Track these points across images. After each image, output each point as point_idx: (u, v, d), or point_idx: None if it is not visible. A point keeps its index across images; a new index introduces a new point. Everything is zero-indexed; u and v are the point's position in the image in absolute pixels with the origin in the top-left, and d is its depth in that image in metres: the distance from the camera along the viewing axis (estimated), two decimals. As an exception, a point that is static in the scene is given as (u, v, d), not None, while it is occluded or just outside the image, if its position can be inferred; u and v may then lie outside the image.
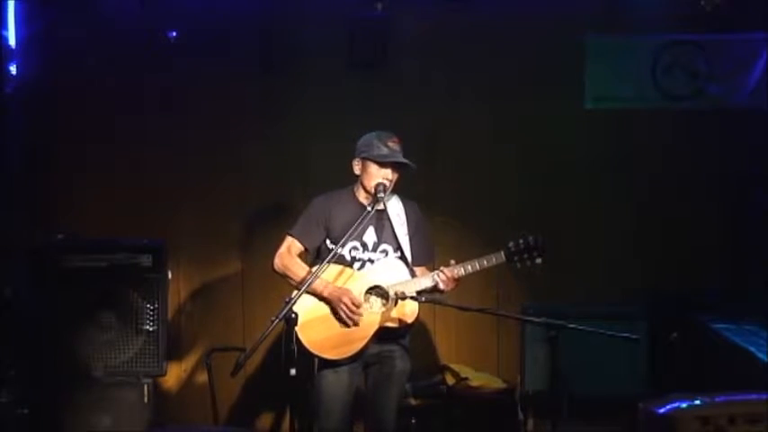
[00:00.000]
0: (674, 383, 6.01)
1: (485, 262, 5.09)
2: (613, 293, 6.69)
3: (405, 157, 5.18)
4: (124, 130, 6.90)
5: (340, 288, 5.06)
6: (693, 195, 6.98)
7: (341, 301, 5.01)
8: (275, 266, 5.19)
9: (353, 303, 5.01)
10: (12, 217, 6.54)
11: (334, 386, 5.09)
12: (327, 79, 6.92)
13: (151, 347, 5.99)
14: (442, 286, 5.08)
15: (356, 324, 5.04)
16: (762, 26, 6.75)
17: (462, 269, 5.07)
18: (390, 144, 5.15)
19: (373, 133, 5.21)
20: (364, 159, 5.18)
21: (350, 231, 4.94)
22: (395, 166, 5.15)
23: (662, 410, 4.82)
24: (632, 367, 6.30)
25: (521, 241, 5.06)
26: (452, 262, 5.08)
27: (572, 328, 4.67)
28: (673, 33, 6.92)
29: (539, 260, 5.06)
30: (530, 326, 6.26)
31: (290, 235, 5.22)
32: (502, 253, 5.07)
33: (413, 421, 6.16)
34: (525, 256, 5.05)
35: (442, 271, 5.06)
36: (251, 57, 6.84)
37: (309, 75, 6.91)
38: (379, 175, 5.13)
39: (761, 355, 5.70)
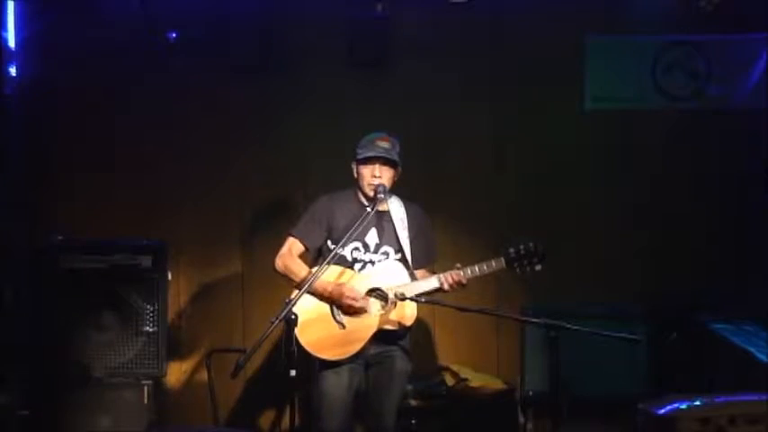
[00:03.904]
0: (674, 384, 6.01)
1: (485, 267, 5.10)
2: (613, 294, 6.67)
3: (403, 156, 5.20)
4: (124, 130, 6.90)
5: (338, 284, 5.07)
6: (693, 195, 6.97)
7: (342, 295, 5.03)
8: (276, 267, 5.21)
9: (354, 296, 5.03)
10: (12, 217, 6.54)
11: (335, 387, 5.10)
12: (327, 79, 6.92)
13: (151, 348, 5.99)
14: (446, 287, 5.08)
15: (364, 310, 5.05)
16: (761, 27, 6.75)
17: (462, 274, 5.08)
18: (378, 143, 5.19)
19: (366, 136, 5.25)
20: (356, 163, 5.23)
21: (350, 232, 4.96)
22: (380, 162, 5.16)
23: (662, 411, 4.83)
24: (632, 368, 6.29)
25: (521, 247, 5.06)
26: (458, 265, 5.09)
27: (572, 329, 4.68)
28: (673, 34, 6.92)
29: (538, 267, 5.06)
30: (530, 326, 6.25)
31: (292, 235, 5.24)
32: (502, 259, 5.08)
33: (413, 422, 6.16)
34: (525, 262, 5.06)
35: (450, 274, 5.07)
36: (251, 57, 6.83)
37: (309, 75, 6.91)
38: (368, 174, 5.15)
39: (760, 356, 5.71)
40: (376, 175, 5.15)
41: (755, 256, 6.70)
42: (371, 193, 5.13)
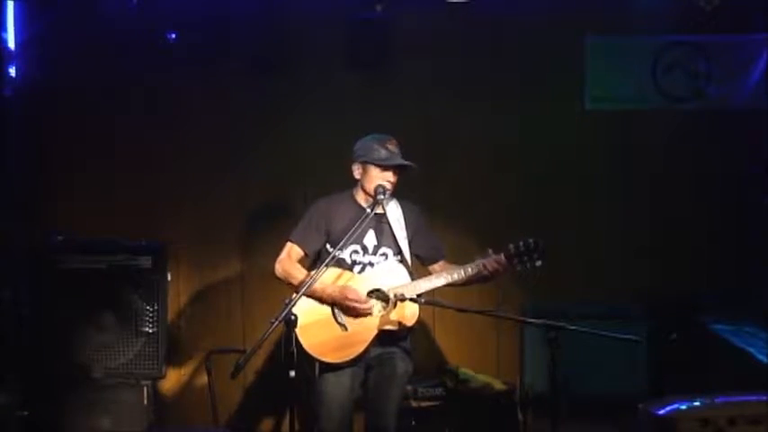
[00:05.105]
0: (674, 385, 6.01)
1: (484, 263, 5.10)
2: (613, 294, 6.69)
3: (403, 158, 5.19)
4: (124, 130, 6.90)
5: (339, 286, 5.06)
6: (693, 195, 6.98)
7: (346, 299, 5.02)
8: (276, 272, 5.19)
9: (358, 298, 5.02)
10: (11, 217, 6.53)
11: (336, 388, 5.09)
12: (327, 80, 6.92)
13: (151, 349, 5.99)
14: (488, 270, 5.08)
15: (370, 313, 5.04)
16: (762, 27, 6.76)
17: (463, 272, 5.08)
18: (389, 146, 5.16)
19: (370, 137, 5.22)
20: (365, 163, 5.18)
21: (349, 234, 4.95)
22: (396, 168, 5.16)
23: (662, 411, 4.85)
24: (632, 368, 6.30)
25: (521, 243, 5.06)
26: (490, 251, 5.09)
27: (572, 330, 4.67)
28: (673, 34, 6.93)
29: (539, 263, 5.06)
30: (529, 327, 6.26)
31: (291, 240, 5.22)
32: (502, 255, 5.08)
33: (413, 423, 6.17)
34: (525, 258, 5.06)
35: (487, 261, 5.07)
36: (251, 57, 6.83)
37: (309, 75, 6.91)
38: (381, 178, 5.14)
39: (760, 357, 5.72)
40: (391, 181, 5.16)
41: (755, 257, 6.70)
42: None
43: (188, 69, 6.82)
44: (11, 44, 6.68)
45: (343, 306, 5.04)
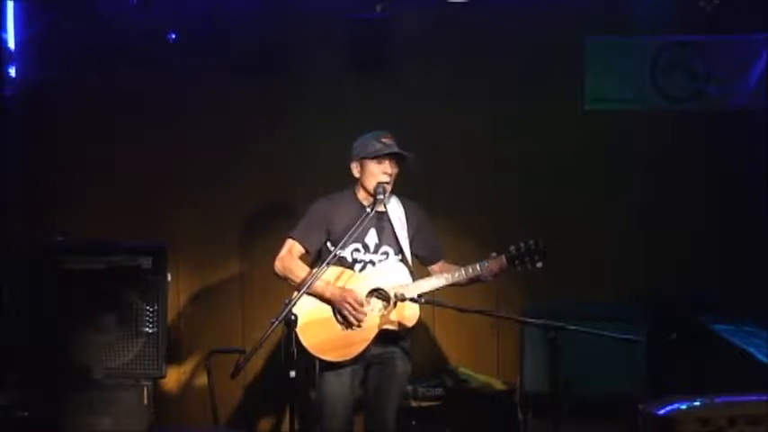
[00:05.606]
0: (674, 384, 6.01)
1: (486, 265, 5.10)
2: (613, 294, 6.68)
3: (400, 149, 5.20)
4: (124, 131, 6.90)
5: (342, 288, 5.07)
6: (693, 196, 6.97)
7: (345, 301, 5.02)
8: (276, 269, 5.20)
9: (357, 302, 5.02)
10: (12, 217, 6.54)
11: (337, 387, 5.10)
12: (327, 80, 6.92)
13: (151, 349, 5.99)
14: (490, 278, 5.12)
15: (360, 324, 5.04)
16: (761, 27, 6.76)
17: (464, 272, 5.09)
18: (384, 140, 5.19)
19: (366, 134, 5.25)
20: (362, 159, 5.20)
21: (350, 233, 4.96)
22: (392, 159, 5.16)
23: (661, 411, 4.84)
24: (632, 368, 6.28)
25: (522, 245, 5.07)
26: (494, 254, 5.10)
27: (572, 330, 4.67)
28: (672, 34, 6.92)
29: (539, 264, 5.07)
30: (529, 327, 6.25)
31: (291, 238, 5.22)
32: (503, 257, 5.08)
33: (413, 423, 6.17)
34: (526, 259, 5.07)
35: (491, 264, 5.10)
36: (251, 57, 6.83)
37: (309, 75, 6.91)
38: (379, 171, 5.15)
39: (760, 356, 5.70)
40: (388, 173, 5.16)
41: (755, 257, 6.70)
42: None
43: (188, 69, 6.83)
44: (11, 44, 6.70)
45: (338, 308, 5.04)
